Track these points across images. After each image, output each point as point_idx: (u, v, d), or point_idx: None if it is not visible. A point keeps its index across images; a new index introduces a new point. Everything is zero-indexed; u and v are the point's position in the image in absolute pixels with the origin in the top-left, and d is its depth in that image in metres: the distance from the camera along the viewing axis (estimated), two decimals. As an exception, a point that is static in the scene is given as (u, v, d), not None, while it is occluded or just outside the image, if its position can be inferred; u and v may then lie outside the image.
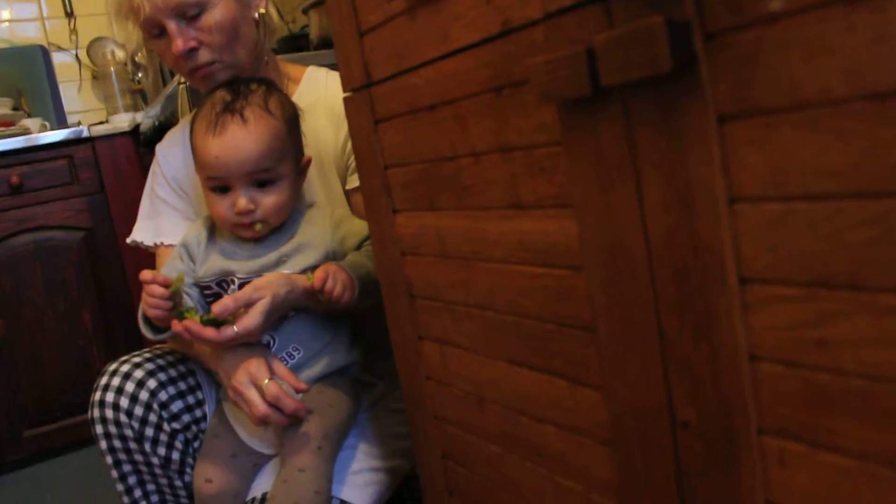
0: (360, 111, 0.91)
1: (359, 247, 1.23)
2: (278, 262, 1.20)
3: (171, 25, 1.21)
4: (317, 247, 1.21)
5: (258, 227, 1.18)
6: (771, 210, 0.49)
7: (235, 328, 1.09)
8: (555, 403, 0.72)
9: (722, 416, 0.55)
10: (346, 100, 0.95)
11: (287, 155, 1.18)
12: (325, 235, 1.22)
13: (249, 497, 1.23)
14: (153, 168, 1.44)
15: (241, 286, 1.17)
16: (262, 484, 1.23)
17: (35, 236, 2.54)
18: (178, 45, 1.22)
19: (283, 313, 1.18)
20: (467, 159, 0.75)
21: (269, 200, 1.16)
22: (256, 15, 1.31)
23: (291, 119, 1.20)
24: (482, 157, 0.72)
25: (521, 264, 0.70)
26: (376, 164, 0.90)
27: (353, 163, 1.31)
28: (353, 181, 1.31)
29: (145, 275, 1.11)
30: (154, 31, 1.24)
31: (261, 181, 1.16)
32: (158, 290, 1.10)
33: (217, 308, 1.08)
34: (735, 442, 0.55)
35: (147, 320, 1.17)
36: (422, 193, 0.84)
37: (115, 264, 2.61)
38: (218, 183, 1.16)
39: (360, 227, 1.24)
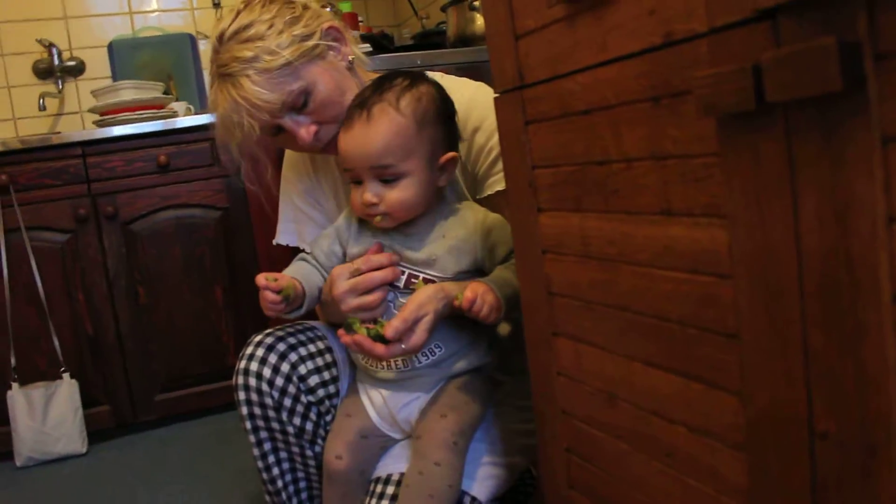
0: (511, 112, 0.95)
1: (506, 258, 1.25)
2: (427, 263, 1.24)
3: (287, 122, 1.26)
4: (467, 252, 1.25)
5: (378, 219, 1.23)
6: (932, 232, 0.50)
7: (403, 346, 1.15)
8: (689, 405, 0.74)
9: (864, 428, 0.56)
10: (496, 100, 0.99)
11: (414, 152, 1.19)
12: (476, 241, 1.25)
13: (375, 476, 1.29)
14: (286, 174, 1.53)
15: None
16: (388, 465, 1.29)
17: (177, 213, 2.70)
18: (303, 136, 1.27)
19: None
20: (619, 164, 0.78)
21: (393, 196, 1.20)
22: (348, 62, 1.33)
23: (426, 116, 1.20)
24: (634, 164, 0.75)
25: (667, 269, 0.73)
26: (524, 163, 0.94)
27: (482, 170, 1.34)
28: (490, 187, 1.34)
29: (259, 280, 1.20)
30: (272, 131, 1.30)
31: (385, 177, 1.20)
32: (271, 295, 1.19)
33: (389, 332, 1.14)
34: (876, 455, 0.56)
35: None
36: (568, 194, 0.87)
37: (247, 244, 2.75)
38: (350, 175, 1.23)
39: (510, 234, 1.26)
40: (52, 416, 2.48)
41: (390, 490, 1.24)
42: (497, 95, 0.99)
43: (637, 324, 0.79)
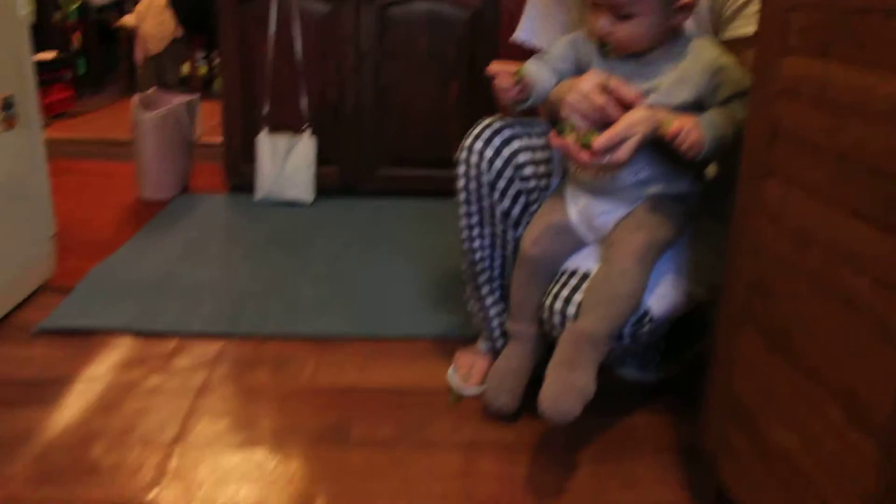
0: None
1: (728, 100, 1.27)
2: (651, 89, 1.29)
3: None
4: (691, 85, 1.28)
5: (607, 48, 1.31)
6: None
7: (606, 158, 1.24)
8: (880, 259, 0.78)
9: None
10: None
11: None
12: (703, 76, 1.28)
13: (564, 268, 1.42)
14: None
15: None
16: (577, 261, 1.41)
17: (431, 6, 2.82)
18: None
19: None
20: (877, 15, 0.78)
21: (622, 31, 1.26)
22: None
23: None
24: (894, 18, 0.75)
25: (898, 125, 0.75)
26: (782, 4, 0.94)
27: (729, 12, 1.34)
28: (733, 31, 1.34)
29: (493, 66, 1.32)
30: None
31: (619, 13, 1.25)
32: (506, 78, 1.31)
33: (597, 143, 1.23)
34: None
35: None
36: (818, 39, 0.88)
37: (490, 47, 2.83)
38: (590, 1, 1.28)
39: (739, 77, 1.27)
40: (290, 164, 2.79)
41: (574, 281, 1.36)
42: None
43: (852, 174, 0.82)
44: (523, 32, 1.61)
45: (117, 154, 3.40)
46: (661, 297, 1.36)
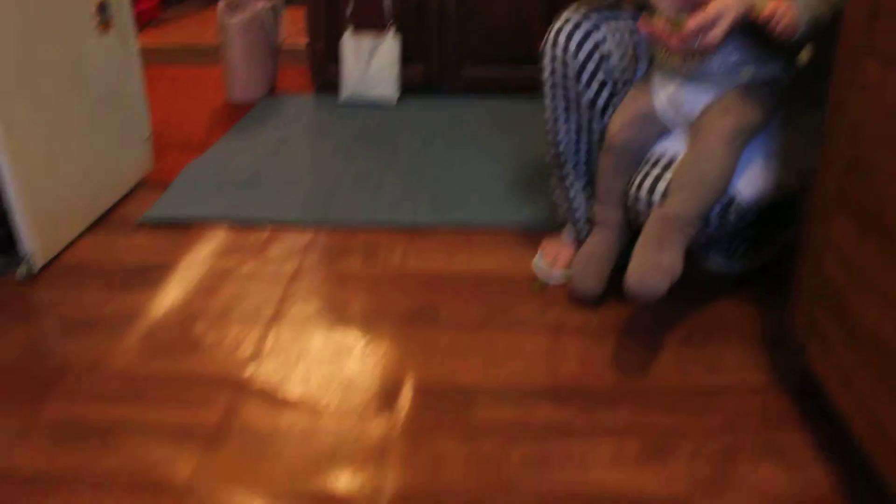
0: None
1: None
2: None
3: None
4: None
5: None
6: None
7: (698, 41, 1.21)
8: None
9: None
10: None
11: None
12: None
13: (650, 154, 1.41)
14: None
15: None
16: (663, 147, 1.40)
17: None
18: None
19: None
20: None
21: None
22: None
23: None
24: None
25: None
26: None
27: None
28: None
29: None
30: None
31: None
32: None
33: (690, 24, 1.20)
34: None
35: None
36: None
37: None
38: None
39: None
40: (374, 64, 2.79)
41: (660, 169, 1.36)
42: None
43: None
44: None
45: (205, 59, 3.45)
46: (750, 183, 1.35)
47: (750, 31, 1.26)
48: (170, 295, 1.57)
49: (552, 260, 1.62)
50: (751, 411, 1.23)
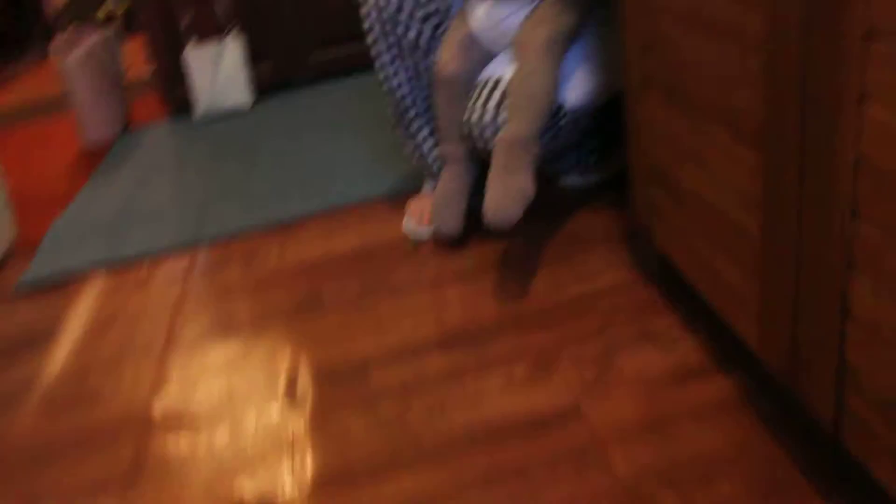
0: None
1: None
2: None
3: None
4: None
5: None
6: None
7: None
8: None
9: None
10: None
11: None
12: None
13: (479, 79, 1.46)
14: None
15: None
16: (492, 69, 1.46)
17: None
18: None
19: None
20: None
21: None
22: None
23: None
24: None
25: None
26: None
27: None
28: None
29: None
30: None
31: None
32: None
33: None
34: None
35: None
36: None
37: None
38: None
39: None
40: (222, 72, 2.77)
41: (494, 90, 1.41)
42: None
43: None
44: None
45: (54, 109, 3.37)
46: (574, 88, 1.41)
47: None
48: (60, 354, 1.56)
49: (419, 217, 1.66)
50: (621, 308, 1.31)
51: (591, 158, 1.68)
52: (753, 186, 0.88)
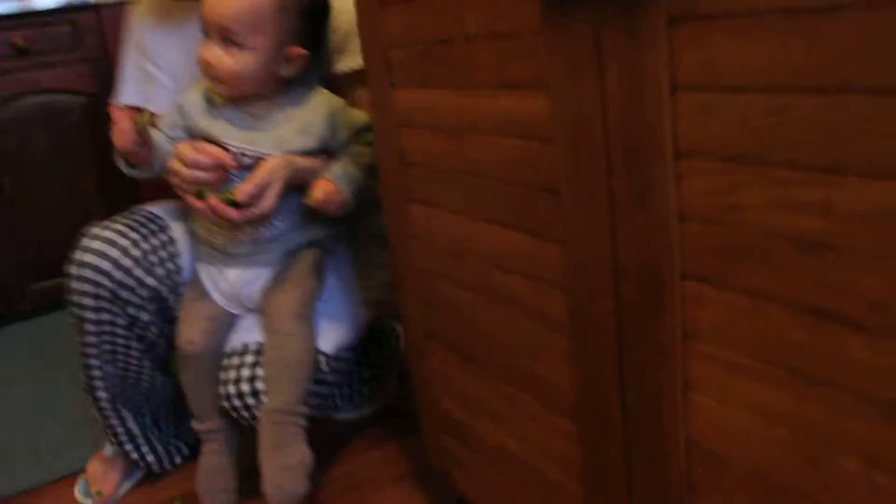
0: (368, -5, 1.01)
1: (350, 139, 1.35)
2: (276, 144, 1.31)
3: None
4: (312, 134, 1.33)
5: (213, 96, 1.33)
6: (703, 98, 0.60)
7: (255, 210, 1.24)
8: (523, 257, 0.86)
9: (655, 264, 0.68)
10: (353, -16, 1.04)
11: (263, 32, 1.24)
12: (321, 124, 1.33)
13: (228, 349, 1.38)
14: (130, 33, 1.54)
15: (236, 154, 1.29)
16: (240, 336, 1.38)
17: (40, 99, 2.61)
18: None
19: None
20: (459, 42, 0.85)
21: (228, 64, 1.25)
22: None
23: (289, 3, 1.25)
24: (474, 42, 0.83)
25: (504, 136, 0.83)
26: (379, 43, 1.00)
27: (332, 45, 1.40)
28: (344, 63, 1.40)
29: (115, 110, 1.26)
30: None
31: (229, 43, 1.24)
32: (126, 122, 1.25)
33: (241, 195, 1.23)
34: (663, 285, 0.68)
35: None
36: (418, 72, 0.94)
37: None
38: (202, 25, 1.26)
39: (355, 118, 1.34)
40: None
41: (249, 359, 1.33)
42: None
43: (480, 187, 0.89)
44: (124, 96, 1.54)
45: None
46: (327, 337, 1.39)
47: (289, 197, 1.30)
48: None
49: (98, 487, 1.50)
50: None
51: (364, 389, 1.65)
52: (573, 453, 0.88)
